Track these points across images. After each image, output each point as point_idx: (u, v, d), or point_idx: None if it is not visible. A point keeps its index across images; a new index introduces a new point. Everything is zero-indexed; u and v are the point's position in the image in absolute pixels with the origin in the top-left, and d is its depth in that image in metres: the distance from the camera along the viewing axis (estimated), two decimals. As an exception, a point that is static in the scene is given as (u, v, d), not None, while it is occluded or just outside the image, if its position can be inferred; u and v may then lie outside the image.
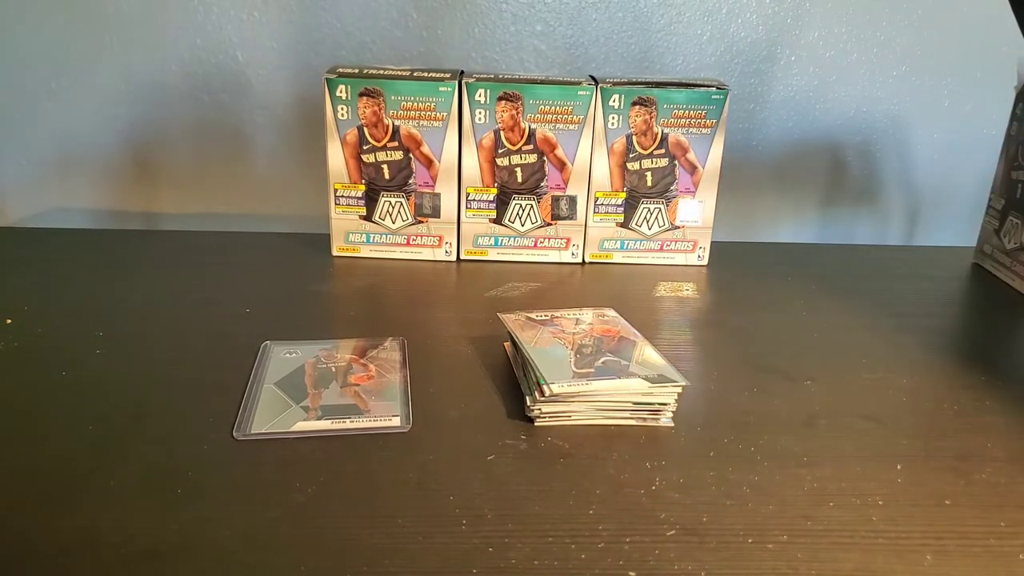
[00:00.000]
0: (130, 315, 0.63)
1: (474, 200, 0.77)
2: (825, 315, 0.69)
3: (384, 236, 0.79)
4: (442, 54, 0.93)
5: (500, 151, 0.76)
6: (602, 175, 0.77)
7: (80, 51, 0.90)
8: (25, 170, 0.95)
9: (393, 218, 0.78)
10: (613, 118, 0.75)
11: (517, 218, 0.78)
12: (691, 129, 0.76)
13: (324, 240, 0.80)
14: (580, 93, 0.74)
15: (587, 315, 0.59)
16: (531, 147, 0.76)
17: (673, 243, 0.80)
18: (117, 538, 0.38)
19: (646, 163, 0.77)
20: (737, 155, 0.99)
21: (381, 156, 0.76)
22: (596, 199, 0.78)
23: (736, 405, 0.53)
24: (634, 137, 0.76)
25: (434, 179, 0.76)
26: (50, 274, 0.72)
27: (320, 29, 0.91)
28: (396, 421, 0.49)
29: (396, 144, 0.75)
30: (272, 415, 0.49)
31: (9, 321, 0.62)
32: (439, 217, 0.78)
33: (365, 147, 0.75)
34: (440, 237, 0.79)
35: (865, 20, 0.95)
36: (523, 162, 0.76)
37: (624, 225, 0.79)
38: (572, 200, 0.78)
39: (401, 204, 0.77)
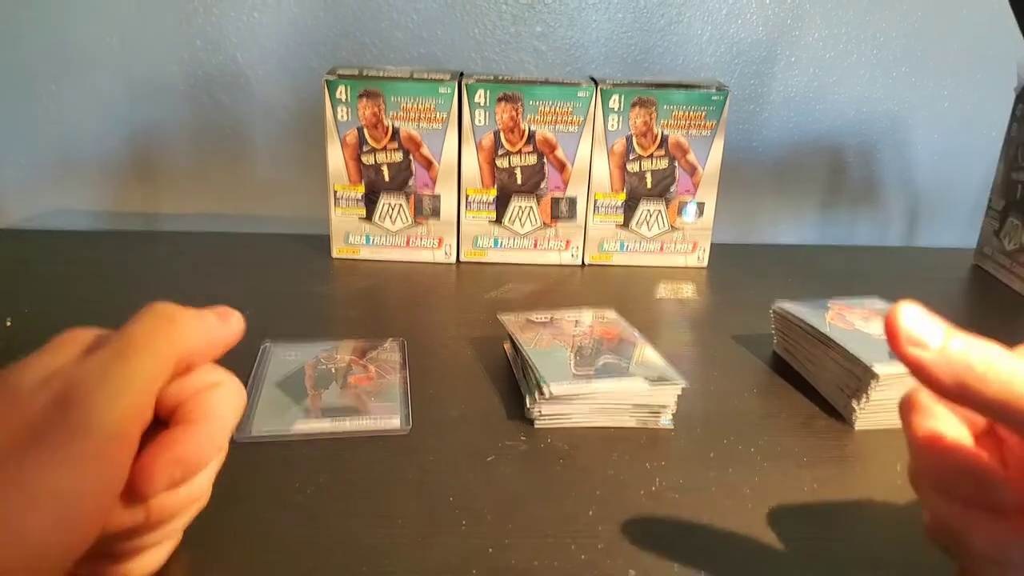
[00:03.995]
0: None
1: (474, 201, 0.77)
2: (825, 316, 0.69)
3: (384, 237, 0.79)
4: (442, 55, 0.93)
5: (500, 152, 0.76)
6: (602, 176, 0.77)
7: (80, 51, 0.90)
8: (25, 170, 0.95)
9: (393, 219, 0.78)
10: (613, 119, 0.75)
11: (517, 219, 0.78)
12: (691, 130, 0.76)
13: (324, 241, 0.80)
14: (580, 94, 0.74)
15: (587, 316, 0.59)
16: (531, 148, 0.76)
17: (673, 244, 0.80)
18: (117, 539, 0.38)
19: (646, 164, 0.77)
20: (737, 156, 0.99)
21: (381, 157, 0.76)
22: (596, 200, 0.78)
23: (736, 405, 0.53)
24: (634, 138, 0.76)
25: (434, 180, 0.76)
26: (50, 275, 0.72)
27: (320, 30, 0.91)
28: (396, 422, 0.49)
29: (396, 145, 0.75)
30: (272, 415, 0.49)
31: (9, 323, 0.62)
32: (439, 218, 0.78)
33: (365, 148, 0.75)
34: (440, 238, 0.79)
35: (865, 20, 0.95)
36: (523, 163, 0.76)
37: (624, 226, 0.79)
38: (572, 201, 0.78)
39: (401, 205, 0.77)
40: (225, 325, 0.33)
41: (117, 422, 0.27)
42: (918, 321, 0.29)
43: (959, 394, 0.28)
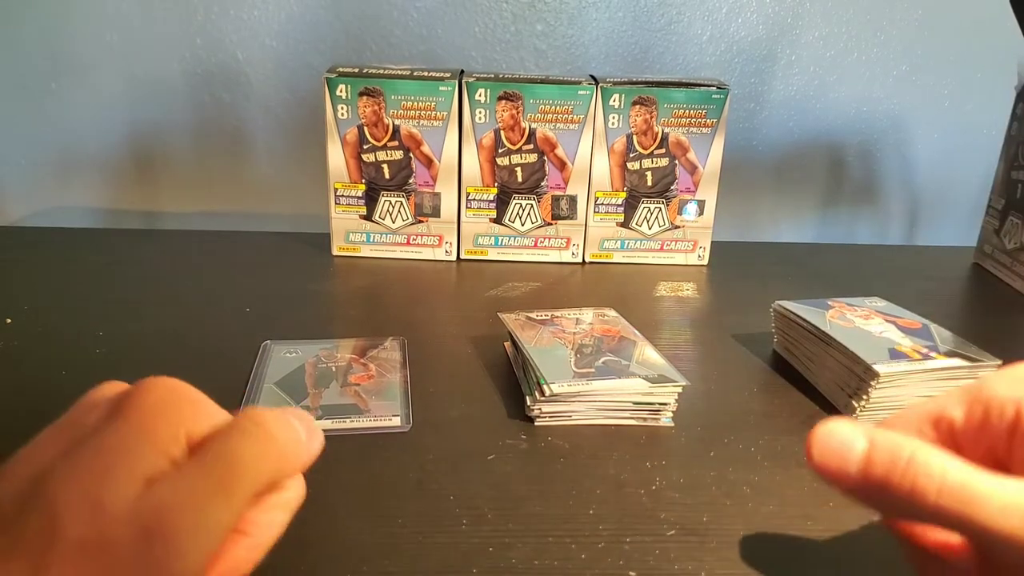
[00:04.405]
0: (130, 315, 0.63)
1: (474, 200, 0.77)
2: (825, 315, 0.69)
3: (384, 236, 0.79)
4: (442, 53, 0.93)
5: (500, 150, 0.76)
6: (602, 175, 0.77)
7: (80, 50, 0.90)
8: (25, 170, 0.95)
9: (393, 218, 0.78)
10: (613, 118, 0.75)
11: (517, 218, 0.78)
12: (691, 129, 0.76)
13: (324, 239, 0.80)
14: (580, 93, 0.74)
15: (587, 315, 0.59)
16: (531, 147, 0.76)
17: (673, 243, 0.80)
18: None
19: (646, 163, 0.77)
20: (737, 155, 0.99)
21: (381, 155, 0.76)
22: (596, 199, 0.78)
23: (736, 405, 0.53)
24: (634, 137, 0.76)
25: (434, 179, 0.76)
26: (50, 274, 0.72)
27: (320, 27, 0.91)
28: (396, 421, 0.49)
29: (396, 143, 0.75)
30: (272, 415, 0.48)
31: (9, 321, 0.62)
32: (439, 217, 0.78)
33: (365, 146, 0.75)
34: (440, 237, 0.79)
35: (865, 20, 0.95)
36: (523, 162, 0.76)
37: (624, 225, 0.79)
38: (572, 200, 0.78)
39: (401, 204, 0.77)
40: (312, 442, 0.30)
41: (202, 567, 0.24)
42: (828, 446, 0.28)
43: (898, 514, 0.27)
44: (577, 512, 0.41)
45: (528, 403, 0.50)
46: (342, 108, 0.74)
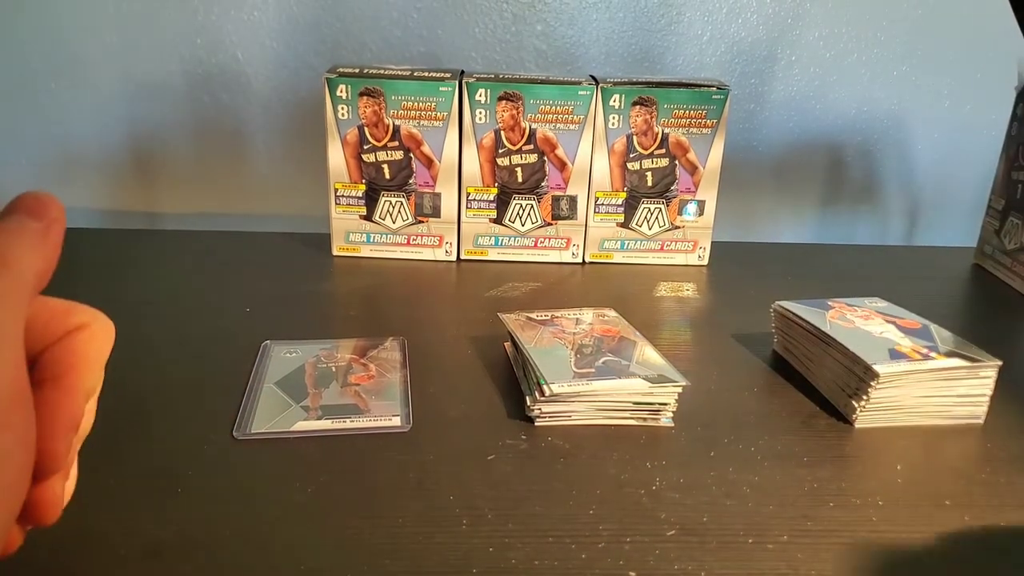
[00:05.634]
0: (130, 315, 0.63)
1: (474, 200, 0.77)
2: (825, 315, 0.69)
3: (384, 236, 0.79)
4: (442, 54, 0.93)
5: (500, 151, 0.76)
6: (602, 175, 0.77)
7: (80, 51, 0.90)
8: (25, 170, 0.95)
9: (393, 218, 0.78)
10: (613, 118, 0.75)
11: (517, 218, 0.78)
12: (691, 129, 0.76)
13: (324, 240, 0.80)
14: (580, 93, 0.74)
15: (587, 315, 0.59)
16: (531, 147, 0.76)
17: (673, 243, 0.80)
18: (117, 538, 0.38)
19: (646, 163, 0.77)
20: (737, 155, 0.99)
21: (381, 156, 0.76)
22: (596, 199, 0.78)
23: (736, 405, 0.53)
24: (634, 137, 0.76)
25: (434, 179, 0.76)
26: (50, 274, 0.72)
27: (320, 29, 0.91)
28: (396, 421, 0.49)
29: (396, 144, 0.75)
30: (272, 415, 0.49)
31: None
32: (439, 217, 0.78)
33: (365, 147, 0.75)
34: (440, 237, 0.79)
35: (865, 20, 0.95)
36: (523, 162, 0.76)
37: (624, 225, 0.79)
38: (572, 200, 0.78)
39: (401, 204, 0.77)
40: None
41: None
42: None
43: None
44: (577, 512, 0.41)
45: (528, 403, 0.50)
46: (342, 108, 0.74)
